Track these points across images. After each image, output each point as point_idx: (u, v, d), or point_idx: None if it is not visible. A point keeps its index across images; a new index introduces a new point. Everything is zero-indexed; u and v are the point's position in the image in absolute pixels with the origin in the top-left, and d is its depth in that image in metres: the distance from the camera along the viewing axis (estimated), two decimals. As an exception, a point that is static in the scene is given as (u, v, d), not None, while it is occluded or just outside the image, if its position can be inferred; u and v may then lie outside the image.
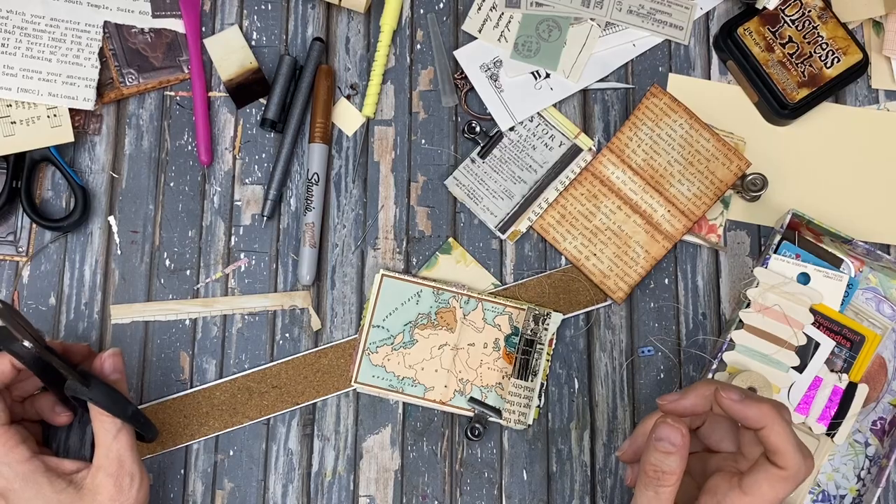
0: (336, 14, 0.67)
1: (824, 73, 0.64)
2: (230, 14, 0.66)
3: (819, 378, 0.60)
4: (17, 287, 0.62)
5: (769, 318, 0.59)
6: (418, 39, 0.67)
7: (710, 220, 0.64)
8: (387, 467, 0.61)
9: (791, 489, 0.46)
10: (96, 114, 0.65)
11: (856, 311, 0.62)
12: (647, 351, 0.63)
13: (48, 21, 0.63)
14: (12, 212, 0.63)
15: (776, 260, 0.60)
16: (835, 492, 0.61)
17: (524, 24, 0.66)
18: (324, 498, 0.61)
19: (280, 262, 0.63)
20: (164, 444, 0.60)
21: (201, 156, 0.64)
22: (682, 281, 0.64)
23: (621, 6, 0.66)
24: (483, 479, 0.61)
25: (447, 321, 0.62)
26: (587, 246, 0.63)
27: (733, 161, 0.63)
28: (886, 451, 0.60)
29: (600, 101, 0.66)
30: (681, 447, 0.47)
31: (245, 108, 0.65)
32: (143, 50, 0.65)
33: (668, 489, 0.47)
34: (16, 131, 0.62)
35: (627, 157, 0.63)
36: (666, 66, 0.67)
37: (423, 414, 0.62)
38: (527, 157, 0.65)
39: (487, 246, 0.64)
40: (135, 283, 0.63)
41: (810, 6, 0.65)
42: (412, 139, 0.65)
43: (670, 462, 0.47)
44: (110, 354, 0.55)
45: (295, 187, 0.64)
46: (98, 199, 0.64)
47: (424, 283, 0.62)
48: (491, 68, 0.65)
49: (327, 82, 0.64)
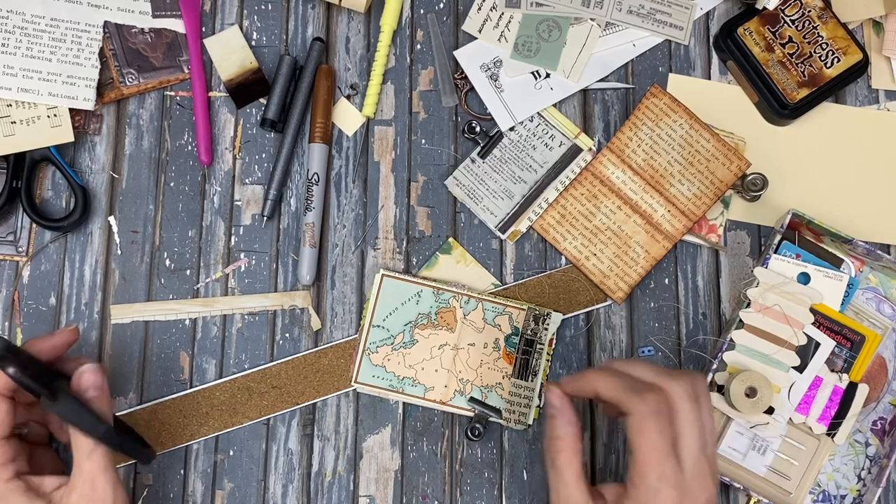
0: (336, 14, 0.67)
1: (824, 73, 0.64)
2: (230, 14, 0.66)
3: (819, 378, 0.60)
4: (17, 287, 0.62)
5: (769, 317, 0.59)
6: (418, 39, 0.67)
7: (710, 220, 0.64)
8: (387, 467, 0.61)
9: (660, 420, 0.47)
10: (96, 114, 0.65)
11: (856, 311, 0.62)
12: (648, 351, 0.63)
13: (48, 21, 0.63)
14: (12, 212, 0.63)
15: (776, 260, 0.60)
16: (835, 492, 0.61)
17: (524, 24, 0.66)
18: (324, 498, 0.60)
19: (280, 261, 0.63)
20: (164, 444, 0.60)
21: (201, 156, 0.64)
22: (682, 281, 0.64)
23: (621, 6, 0.66)
24: (483, 479, 0.61)
25: (447, 321, 0.62)
26: (587, 246, 0.63)
27: (733, 161, 0.63)
28: (887, 450, 0.60)
29: (600, 101, 0.66)
30: (560, 409, 0.50)
31: (245, 108, 0.65)
32: (144, 50, 0.65)
33: (563, 455, 0.49)
34: (16, 131, 0.62)
35: (627, 157, 0.63)
36: (666, 66, 0.67)
37: (423, 414, 0.62)
38: (527, 157, 0.65)
39: (487, 246, 0.64)
40: (135, 282, 0.63)
41: (810, 6, 0.65)
42: (412, 139, 0.65)
43: (558, 427, 0.50)
44: (90, 370, 0.52)
45: (295, 187, 0.64)
46: (98, 199, 0.64)
47: (424, 283, 0.62)
48: (491, 68, 0.66)
49: (327, 82, 0.64)
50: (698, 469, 0.48)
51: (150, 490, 0.60)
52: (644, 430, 0.47)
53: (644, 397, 0.48)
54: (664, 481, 0.47)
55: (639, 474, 0.47)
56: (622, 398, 0.49)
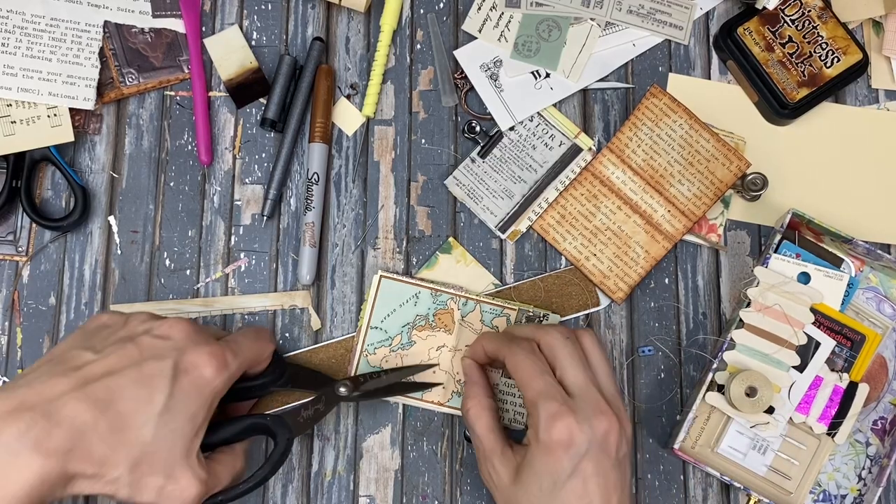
0: (336, 14, 0.67)
1: (824, 73, 0.64)
2: (230, 14, 0.67)
3: (820, 377, 0.60)
4: (17, 287, 0.62)
5: (769, 317, 0.59)
6: (418, 39, 0.67)
7: (710, 220, 0.64)
8: (387, 467, 0.61)
9: (533, 355, 0.52)
10: (96, 113, 0.65)
11: (856, 311, 0.62)
12: (648, 350, 0.63)
13: (48, 21, 0.63)
14: (12, 211, 0.63)
15: (776, 259, 0.60)
16: (835, 491, 0.61)
17: (524, 24, 0.66)
18: (324, 498, 0.60)
19: (280, 261, 0.63)
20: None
21: (201, 155, 0.64)
22: (682, 281, 0.64)
23: (621, 6, 0.66)
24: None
25: (445, 323, 0.62)
26: (587, 246, 0.63)
27: (733, 161, 0.63)
28: (887, 450, 0.60)
29: (600, 101, 0.66)
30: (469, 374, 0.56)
31: (245, 107, 0.65)
32: (144, 50, 0.65)
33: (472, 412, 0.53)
34: (16, 131, 0.62)
35: (627, 157, 0.63)
36: (666, 66, 0.67)
37: (423, 414, 0.62)
38: (527, 157, 0.65)
39: (487, 246, 0.64)
40: (135, 282, 0.63)
41: (810, 6, 0.65)
42: (412, 139, 0.65)
43: (468, 388, 0.55)
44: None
45: (295, 187, 0.64)
46: (98, 199, 0.64)
47: (422, 284, 0.62)
48: (491, 68, 0.66)
49: (327, 82, 0.64)
50: (589, 396, 0.50)
51: None
52: (519, 364, 0.51)
53: (519, 343, 0.53)
54: (548, 398, 0.49)
55: (529, 403, 0.50)
56: (500, 349, 0.54)
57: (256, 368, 0.55)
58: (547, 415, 0.48)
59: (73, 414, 0.45)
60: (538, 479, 0.48)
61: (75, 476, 0.45)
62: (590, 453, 0.48)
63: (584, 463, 0.48)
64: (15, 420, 0.44)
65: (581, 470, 0.48)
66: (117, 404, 0.46)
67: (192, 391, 0.48)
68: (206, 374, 0.49)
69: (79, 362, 0.48)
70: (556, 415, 0.48)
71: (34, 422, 0.44)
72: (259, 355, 0.55)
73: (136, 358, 0.48)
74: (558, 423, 0.48)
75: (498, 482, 0.51)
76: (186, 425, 0.48)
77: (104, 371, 0.47)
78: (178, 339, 0.50)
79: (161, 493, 0.47)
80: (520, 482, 0.49)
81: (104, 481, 0.46)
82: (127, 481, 0.46)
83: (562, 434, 0.48)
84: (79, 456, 0.45)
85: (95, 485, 0.45)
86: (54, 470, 0.44)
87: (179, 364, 0.48)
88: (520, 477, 0.49)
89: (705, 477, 0.61)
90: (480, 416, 0.53)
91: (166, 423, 0.47)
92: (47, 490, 0.44)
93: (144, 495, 0.47)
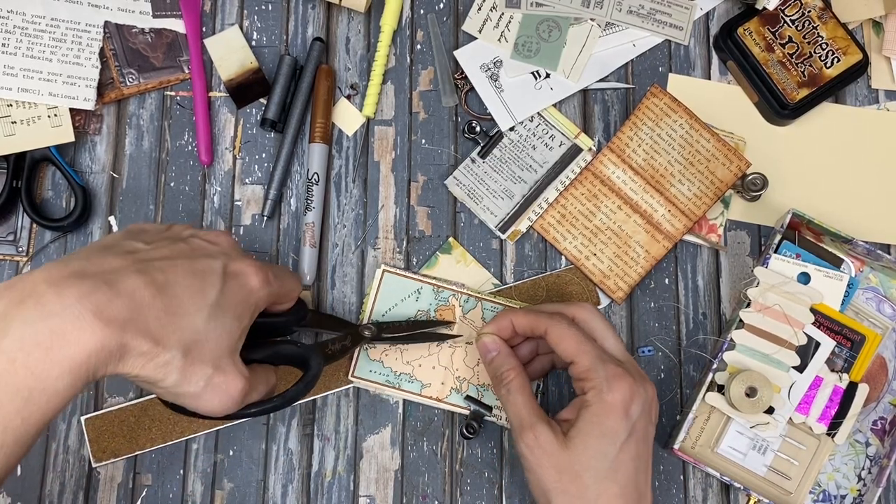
0: (336, 14, 0.67)
1: (824, 73, 0.64)
2: (230, 14, 0.67)
3: (819, 378, 0.60)
4: (18, 287, 0.62)
5: (769, 317, 0.59)
6: (418, 39, 0.67)
7: (710, 220, 0.64)
8: (387, 467, 0.61)
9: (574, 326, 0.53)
10: (97, 114, 0.65)
11: (856, 311, 0.62)
12: (648, 350, 0.63)
13: (49, 21, 0.63)
14: (12, 212, 0.63)
15: (776, 259, 0.60)
16: (835, 491, 0.61)
17: (524, 25, 0.66)
18: (324, 498, 0.60)
19: (280, 261, 0.63)
20: (164, 438, 0.60)
21: (201, 156, 0.64)
22: (682, 281, 0.64)
23: (621, 6, 0.66)
24: (483, 479, 0.61)
25: (446, 319, 0.62)
26: (587, 246, 0.63)
27: (733, 161, 0.63)
28: (887, 450, 0.60)
29: (600, 101, 0.66)
30: (499, 349, 0.56)
31: (245, 108, 0.65)
32: (144, 50, 0.65)
33: (514, 382, 0.54)
34: (16, 131, 0.62)
35: (628, 157, 0.63)
36: (666, 66, 0.67)
37: (423, 414, 0.62)
38: (527, 157, 0.65)
39: (488, 246, 0.64)
40: (135, 282, 0.63)
41: (810, 6, 0.65)
42: (412, 139, 0.65)
43: (502, 364, 0.55)
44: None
45: (295, 187, 0.64)
46: (98, 199, 0.64)
47: (425, 280, 0.62)
48: (491, 68, 0.66)
49: (327, 82, 0.64)
50: (632, 363, 0.54)
51: (149, 490, 0.60)
52: (565, 335, 0.53)
53: (554, 317, 0.54)
54: (607, 361, 0.51)
55: (584, 369, 0.51)
56: (538, 322, 0.54)
57: (283, 305, 0.54)
58: (608, 375, 0.50)
59: (133, 287, 0.43)
60: (597, 440, 0.50)
61: (129, 351, 0.42)
62: (642, 415, 0.51)
63: (638, 423, 0.51)
64: (76, 282, 0.41)
65: (636, 430, 0.51)
66: (174, 288, 0.45)
67: (239, 294, 0.48)
68: (252, 282, 0.49)
69: (131, 248, 0.47)
70: (617, 375, 0.50)
71: (96, 287, 0.41)
72: (291, 290, 0.54)
73: (188, 253, 0.48)
74: (620, 382, 0.50)
75: (547, 450, 0.51)
76: (234, 324, 0.47)
77: (160, 257, 0.46)
78: (225, 246, 0.50)
79: (209, 383, 0.46)
80: (573, 447, 0.50)
81: (155, 363, 0.43)
82: (177, 366, 0.44)
83: (625, 394, 0.50)
84: (136, 330, 0.42)
85: (147, 365, 0.43)
86: (113, 340, 0.41)
87: (228, 268, 0.48)
88: (573, 441, 0.51)
89: (705, 477, 0.61)
90: (524, 385, 0.54)
91: (216, 316, 0.46)
92: (103, 360, 0.41)
93: (192, 384, 0.45)
